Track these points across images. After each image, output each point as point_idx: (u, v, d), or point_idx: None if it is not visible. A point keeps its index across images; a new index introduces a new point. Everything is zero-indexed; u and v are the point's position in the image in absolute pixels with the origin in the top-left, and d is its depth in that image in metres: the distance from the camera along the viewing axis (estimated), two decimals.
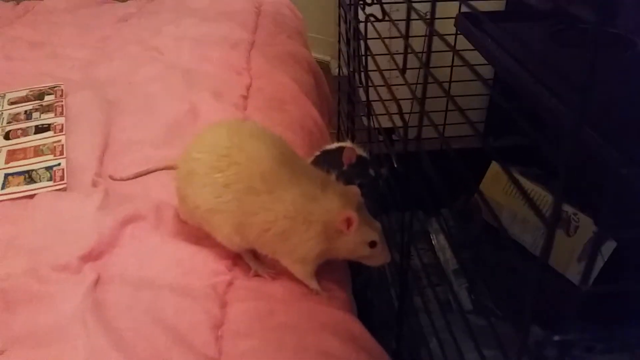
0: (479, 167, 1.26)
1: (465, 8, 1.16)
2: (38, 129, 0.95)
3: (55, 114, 0.99)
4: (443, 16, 1.12)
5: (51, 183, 0.82)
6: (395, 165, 0.91)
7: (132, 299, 0.61)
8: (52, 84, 1.08)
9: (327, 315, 0.63)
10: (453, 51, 0.55)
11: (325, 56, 2.35)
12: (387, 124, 0.95)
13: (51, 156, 0.88)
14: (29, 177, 0.83)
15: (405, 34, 0.68)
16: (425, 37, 1.12)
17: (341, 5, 1.26)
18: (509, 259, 1.15)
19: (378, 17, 0.85)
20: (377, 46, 0.88)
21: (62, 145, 0.90)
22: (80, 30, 1.38)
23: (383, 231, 0.69)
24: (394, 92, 0.75)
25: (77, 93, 1.05)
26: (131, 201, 0.76)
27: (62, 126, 0.96)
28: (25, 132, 0.95)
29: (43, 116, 0.99)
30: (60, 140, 0.92)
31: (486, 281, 1.17)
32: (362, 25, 0.93)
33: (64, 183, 0.82)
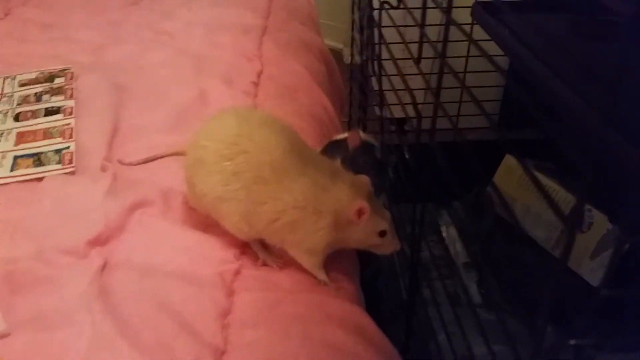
0: (492, 160, 1.24)
1: None
2: (48, 112, 0.95)
3: (65, 97, 0.99)
4: (459, 5, 1.10)
5: (60, 166, 0.81)
6: (406, 156, 0.90)
7: (139, 286, 0.60)
8: (63, 67, 1.07)
9: (335, 307, 0.62)
10: (470, 41, 0.53)
11: (337, 44, 2.31)
12: (400, 114, 0.93)
13: (60, 139, 0.87)
14: (38, 160, 0.83)
15: (421, 23, 0.66)
16: (440, 27, 1.10)
17: None
18: (521, 254, 1.14)
19: (393, 5, 0.83)
20: (391, 34, 0.87)
21: (72, 128, 0.90)
22: (91, 12, 1.36)
23: (393, 221, 0.68)
24: (406, 83, 0.74)
25: (87, 76, 1.05)
26: (139, 187, 0.75)
27: (72, 109, 0.95)
28: (35, 115, 0.94)
29: (53, 99, 0.98)
30: (69, 123, 0.91)
31: (496, 276, 1.16)
32: (376, 12, 0.91)
33: (73, 166, 0.81)
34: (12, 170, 0.81)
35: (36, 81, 1.04)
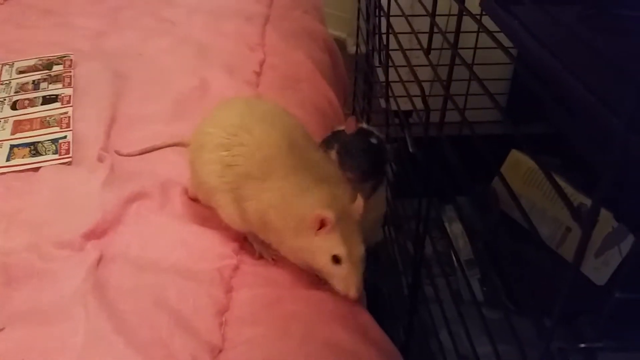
0: (496, 155, 1.22)
1: None
2: (45, 100, 0.93)
3: (63, 85, 0.97)
4: None
5: (56, 156, 0.80)
6: (410, 149, 0.88)
7: (135, 280, 0.59)
8: (62, 54, 1.05)
9: (336, 305, 0.61)
10: (485, 31, 0.51)
11: (341, 33, 2.28)
12: (405, 107, 0.91)
13: (57, 128, 0.86)
14: (35, 150, 0.81)
15: (432, 12, 0.64)
16: (447, 17, 1.08)
17: None
18: (525, 252, 1.12)
19: None
20: (398, 24, 0.84)
21: (69, 117, 0.88)
22: None
23: (395, 217, 0.66)
24: (415, 74, 0.72)
25: (86, 64, 1.03)
26: (137, 178, 0.73)
27: (70, 98, 0.93)
28: (32, 103, 0.92)
29: (51, 86, 0.97)
30: (67, 112, 0.90)
31: (500, 273, 1.14)
32: (385, 1, 0.89)
33: (70, 157, 0.79)
34: (8, 159, 0.79)
35: (34, 68, 1.02)
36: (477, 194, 1.24)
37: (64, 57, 1.05)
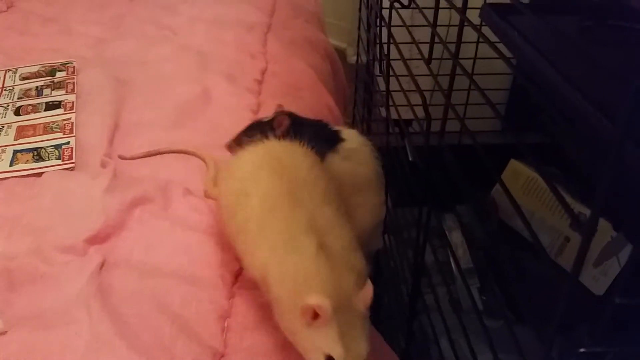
0: (495, 165, 1.23)
1: None
2: (48, 106, 0.93)
3: (66, 91, 0.97)
4: (469, 6, 1.09)
5: (59, 162, 0.80)
6: (410, 157, 0.89)
7: (138, 285, 0.59)
8: (64, 61, 1.06)
9: None
10: (487, 42, 0.52)
11: (341, 43, 2.30)
12: (405, 115, 0.92)
13: (60, 134, 0.86)
14: (38, 155, 0.81)
15: (433, 22, 0.65)
16: (447, 27, 1.09)
17: None
18: (524, 260, 1.13)
19: (404, 4, 0.82)
20: (399, 34, 0.85)
21: (72, 123, 0.89)
22: (94, 7, 1.35)
23: (396, 226, 0.66)
24: (416, 83, 0.73)
25: (89, 71, 1.04)
26: (140, 184, 0.74)
27: (73, 104, 0.94)
28: (35, 109, 0.93)
29: (54, 93, 0.97)
30: (70, 118, 0.90)
31: (499, 282, 1.15)
32: (386, 12, 0.90)
33: (72, 162, 0.80)
34: (12, 164, 0.80)
35: (37, 75, 1.03)
36: (477, 203, 1.25)
37: (67, 64, 1.05)
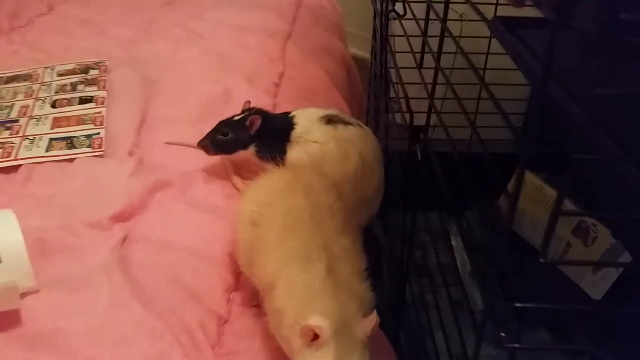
0: (506, 172, 1.27)
1: (501, 11, 1.17)
2: (82, 100, 1.01)
3: (98, 88, 1.05)
4: (474, 18, 1.15)
5: (90, 150, 0.87)
6: (419, 162, 0.94)
7: (155, 258, 0.66)
8: (98, 60, 1.15)
9: None
10: (509, 54, 0.56)
11: (365, 52, 2.36)
12: (417, 122, 0.97)
13: (92, 125, 0.94)
14: (71, 143, 0.89)
15: (424, 32, 0.71)
16: (459, 37, 1.14)
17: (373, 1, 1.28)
18: (526, 265, 1.16)
19: (399, 14, 0.87)
20: (403, 43, 0.90)
21: (103, 116, 0.96)
22: (127, 10, 1.44)
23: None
24: (406, 93, 0.77)
25: (120, 69, 1.11)
26: (162, 170, 0.81)
27: (104, 99, 1.02)
28: (70, 102, 1.01)
29: (87, 89, 1.05)
30: (101, 111, 0.98)
31: (501, 285, 1.18)
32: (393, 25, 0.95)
33: (102, 150, 0.87)
34: (47, 151, 0.87)
35: (73, 72, 1.11)
36: (482, 209, 1.29)
37: (100, 63, 1.14)
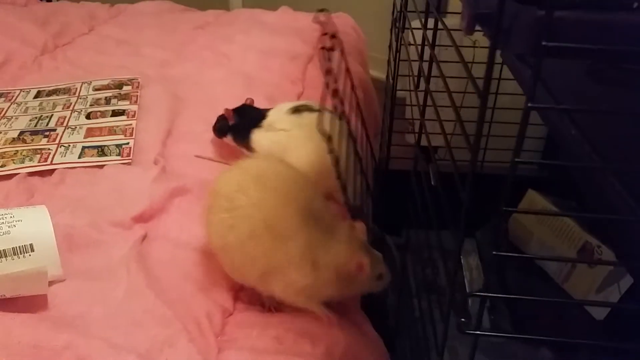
0: (515, 193, 1.30)
1: None
2: (114, 113, 1.10)
3: (130, 102, 1.14)
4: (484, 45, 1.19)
5: (119, 158, 0.95)
6: (433, 182, 0.98)
7: (170, 255, 0.72)
8: (131, 77, 1.24)
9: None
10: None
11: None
12: (433, 143, 1.02)
13: (122, 136, 1.01)
14: (101, 151, 0.97)
15: (420, 56, 0.75)
16: (472, 63, 1.19)
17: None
18: (533, 285, 1.19)
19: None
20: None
21: (133, 128, 1.04)
22: (162, 33, 1.54)
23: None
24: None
25: (151, 86, 1.20)
26: (182, 179, 0.87)
27: (135, 113, 1.10)
28: (103, 115, 1.10)
29: (120, 103, 1.14)
30: (131, 124, 1.06)
31: (507, 303, 1.21)
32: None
33: (130, 159, 0.95)
34: (80, 157, 0.95)
35: (107, 87, 1.21)
36: (488, 230, 1.32)
37: (133, 80, 1.23)
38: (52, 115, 1.09)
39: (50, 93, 1.20)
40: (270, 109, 0.98)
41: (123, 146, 0.98)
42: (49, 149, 0.97)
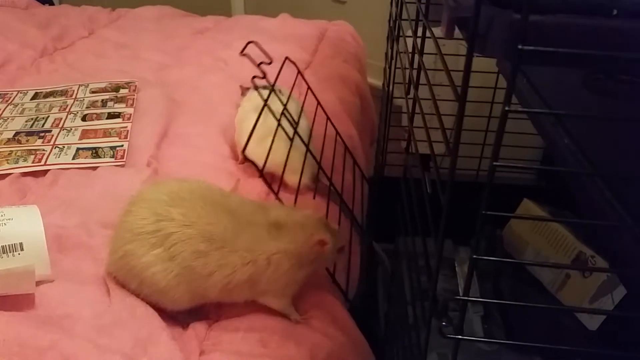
0: (507, 202, 1.30)
1: None
2: (110, 115, 1.10)
3: (126, 105, 1.14)
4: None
5: (112, 160, 0.95)
6: (428, 190, 0.98)
7: None
8: (128, 80, 1.24)
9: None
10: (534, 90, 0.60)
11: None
12: (424, 151, 1.02)
13: (117, 138, 1.02)
14: (95, 153, 0.97)
15: (410, 63, 0.76)
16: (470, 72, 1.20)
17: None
18: (527, 294, 1.18)
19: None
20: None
21: (128, 130, 1.04)
22: (161, 37, 1.55)
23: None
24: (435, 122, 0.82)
25: (148, 90, 1.20)
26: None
27: (131, 116, 1.10)
28: (99, 117, 1.10)
29: (116, 105, 1.14)
30: (126, 126, 1.06)
31: (501, 312, 1.20)
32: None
33: (123, 161, 0.95)
34: (74, 158, 0.96)
35: (104, 90, 1.21)
36: (483, 238, 1.32)
37: (130, 83, 1.23)
38: (48, 116, 1.10)
39: (47, 95, 1.20)
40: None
41: (117, 148, 0.99)
42: (44, 150, 0.97)
